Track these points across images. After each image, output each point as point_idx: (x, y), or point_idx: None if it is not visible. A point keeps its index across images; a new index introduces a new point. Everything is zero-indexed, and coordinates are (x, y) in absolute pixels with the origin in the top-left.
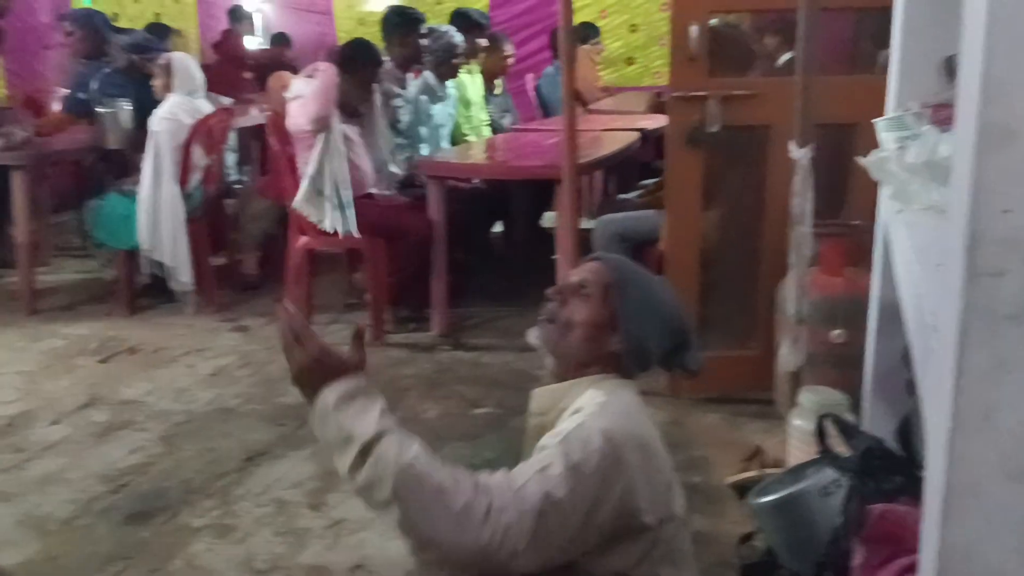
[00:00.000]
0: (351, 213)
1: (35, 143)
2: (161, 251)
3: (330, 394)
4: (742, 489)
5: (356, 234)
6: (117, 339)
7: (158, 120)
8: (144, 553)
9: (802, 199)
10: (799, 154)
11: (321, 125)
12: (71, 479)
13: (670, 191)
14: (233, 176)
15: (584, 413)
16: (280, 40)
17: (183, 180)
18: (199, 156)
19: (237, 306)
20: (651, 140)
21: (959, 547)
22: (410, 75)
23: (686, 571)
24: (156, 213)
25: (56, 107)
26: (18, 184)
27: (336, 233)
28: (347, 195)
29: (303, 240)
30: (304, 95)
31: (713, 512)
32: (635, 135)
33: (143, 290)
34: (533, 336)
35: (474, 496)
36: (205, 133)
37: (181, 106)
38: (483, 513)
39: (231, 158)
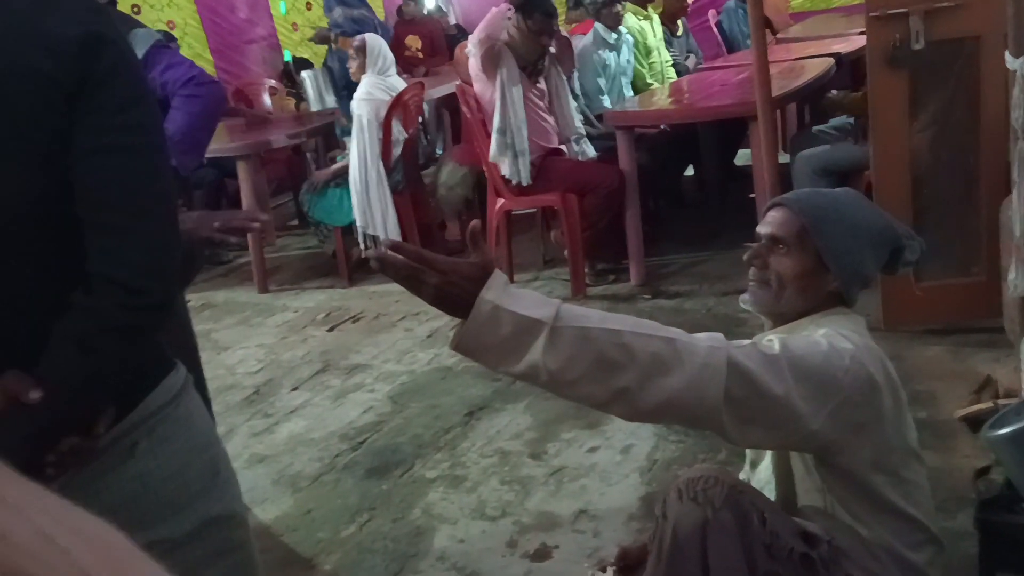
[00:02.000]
0: (524, 162)
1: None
2: (373, 225)
3: (489, 293)
4: (974, 422)
5: (527, 182)
6: (341, 309)
7: (359, 102)
8: (386, 504)
9: (1022, 112)
10: (1015, 64)
11: (486, 52)
12: (315, 439)
13: (875, 116)
14: (433, 147)
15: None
16: (437, 11)
17: (386, 156)
18: (398, 131)
19: None
20: (846, 64)
21: None
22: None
23: (923, 505)
24: (365, 190)
25: (266, 98)
26: (243, 172)
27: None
28: (521, 143)
29: (500, 202)
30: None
31: (944, 447)
32: (829, 61)
33: (360, 262)
34: (745, 301)
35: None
36: (401, 108)
37: (376, 85)
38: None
39: (427, 130)
